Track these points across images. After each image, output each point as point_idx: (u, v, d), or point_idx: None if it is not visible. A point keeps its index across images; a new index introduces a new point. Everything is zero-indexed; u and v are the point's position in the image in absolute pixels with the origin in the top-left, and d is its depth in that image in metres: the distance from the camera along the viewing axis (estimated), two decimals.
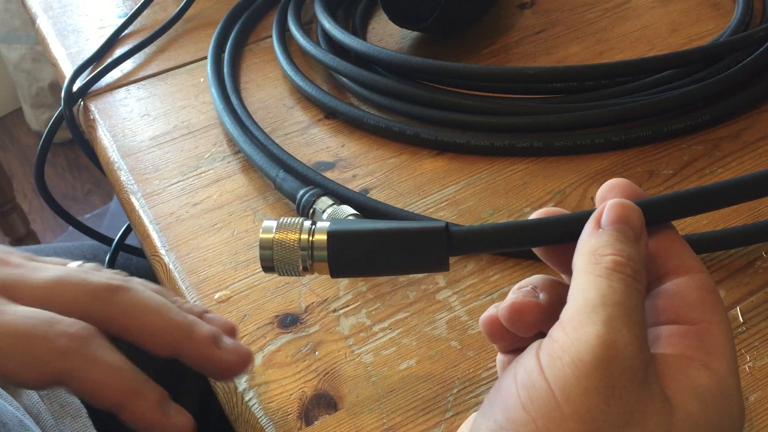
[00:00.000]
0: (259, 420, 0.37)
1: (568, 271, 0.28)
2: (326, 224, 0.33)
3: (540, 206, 0.47)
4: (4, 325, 0.30)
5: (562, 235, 0.30)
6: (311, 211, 0.45)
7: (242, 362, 0.34)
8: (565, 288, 0.28)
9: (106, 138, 0.56)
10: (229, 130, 0.53)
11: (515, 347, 0.30)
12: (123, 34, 0.66)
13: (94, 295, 0.32)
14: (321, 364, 0.39)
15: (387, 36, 0.64)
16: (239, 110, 0.55)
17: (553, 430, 0.24)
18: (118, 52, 0.63)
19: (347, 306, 0.42)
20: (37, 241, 1.50)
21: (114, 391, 0.32)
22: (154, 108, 0.58)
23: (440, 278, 0.43)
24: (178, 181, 0.51)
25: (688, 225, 0.44)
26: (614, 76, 0.52)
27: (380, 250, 0.32)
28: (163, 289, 0.37)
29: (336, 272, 0.33)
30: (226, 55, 0.61)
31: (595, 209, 0.29)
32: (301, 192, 0.46)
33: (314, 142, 0.54)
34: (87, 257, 0.58)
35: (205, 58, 0.62)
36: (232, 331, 0.37)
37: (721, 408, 0.26)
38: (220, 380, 0.37)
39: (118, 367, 0.32)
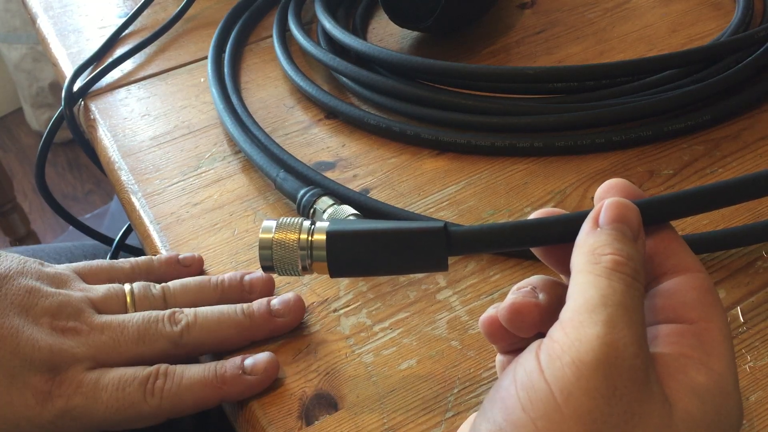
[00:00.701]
0: (260, 420, 0.37)
1: (567, 272, 0.28)
2: (325, 224, 0.33)
3: (540, 206, 0.47)
4: (106, 402, 0.36)
5: (560, 235, 0.30)
6: (312, 211, 0.45)
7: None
8: (565, 288, 0.28)
9: (106, 138, 0.56)
10: (229, 130, 0.53)
11: (515, 348, 0.30)
12: (123, 34, 0.66)
13: (171, 341, 0.39)
14: (321, 364, 0.39)
15: (387, 36, 0.64)
16: (240, 110, 0.55)
17: (553, 431, 0.24)
18: (119, 52, 0.63)
19: (348, 306, 0.42)
20: (37, 241, 1.50)
21: (209, 400, 0.37)
22: (155, 108, 0.58)
23: (441, 278, 0.43)
24: (179, 181, 0.51)
25: (688, 225, 0.44)
26: (614, 76, 0.52)
27: (379, 250, 0.32)
28: (200, 283, 0.42)
29: (335, 272, 0.33)
30: (226, 55, 0.61)
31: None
32: (302, 192, 0.46)
33: (315, 142, 0.54)
34: (87, 257, 0.58)
35: (206, 58, 0.62)
36: (269, 290, 0.42)
37: (720, 406, 0.26)
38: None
39: (198, 381, 0.37)
